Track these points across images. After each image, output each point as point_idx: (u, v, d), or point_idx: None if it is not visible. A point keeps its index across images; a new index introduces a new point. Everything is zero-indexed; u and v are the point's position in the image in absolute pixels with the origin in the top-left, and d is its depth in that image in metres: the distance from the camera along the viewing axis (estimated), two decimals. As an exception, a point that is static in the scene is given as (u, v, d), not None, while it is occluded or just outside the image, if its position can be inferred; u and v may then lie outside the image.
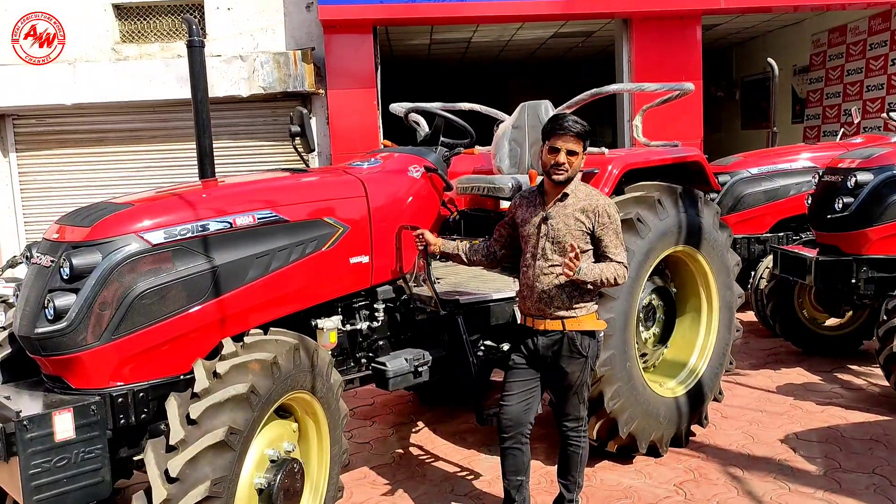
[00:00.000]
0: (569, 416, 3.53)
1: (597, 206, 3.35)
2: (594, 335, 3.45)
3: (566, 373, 3.42)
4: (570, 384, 3.44)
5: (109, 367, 2.98)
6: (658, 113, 5.52)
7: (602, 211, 3.34)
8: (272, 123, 9.67)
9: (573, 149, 3.32)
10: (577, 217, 3.35)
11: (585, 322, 3.41)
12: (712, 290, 4.72)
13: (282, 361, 3.05)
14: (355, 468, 4.53)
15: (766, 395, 5.56)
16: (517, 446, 3.50)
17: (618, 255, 3.35)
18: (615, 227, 3.36)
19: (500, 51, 14.23)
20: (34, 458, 2.71)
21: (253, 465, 3.04)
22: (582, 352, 3.40)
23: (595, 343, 3.46)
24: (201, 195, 3.48)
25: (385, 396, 5.85)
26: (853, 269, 5.45)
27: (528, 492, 3.61)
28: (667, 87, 4.81)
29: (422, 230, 3.82)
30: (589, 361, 3.44)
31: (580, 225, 3.34)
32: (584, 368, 3.43)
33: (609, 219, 3.34)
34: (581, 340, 3.39)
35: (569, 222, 3.35)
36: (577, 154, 3.34)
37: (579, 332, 3.39)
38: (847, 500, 3.88)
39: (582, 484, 3.67)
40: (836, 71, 12.48)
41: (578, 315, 3.39)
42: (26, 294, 3.10)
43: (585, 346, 3.40)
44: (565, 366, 3.41)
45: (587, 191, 3.44)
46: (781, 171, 7.66)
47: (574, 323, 3.38)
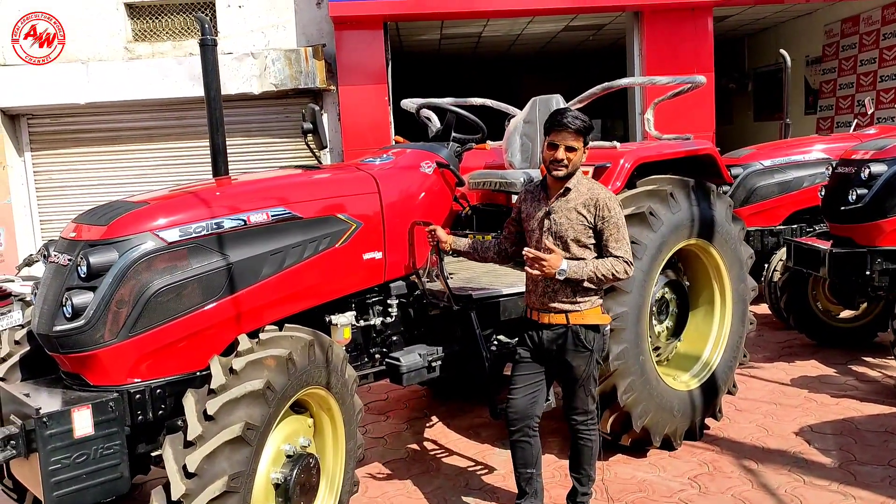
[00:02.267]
0: (577, 409, 3.54)
1: (598, 201, 3.35)
2: (598, 329, 3.46)
3: (572, 366, 3.44)
4: (576, 378, 3.46)
5: (127, 364, 3.01)
6: (670, 106, 5.50)
7: (603, 205, 3.34)
8: (284, 120, 9.70)
9: (572, 145, 3.32)
10: (578, 211, 3.36)
11: (589, 316, 3.41)
12: (725, 283, 4.71)
13: (297, 357, 3.08)
14: (370, 463, 4.56)
15: (781, 388, 5.55)
16: (525, 439, 3.53)
17: (619, 250, 3.34)
18: (616, 220, 3.35)
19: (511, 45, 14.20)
20: (54, 454, 2.75)
21: (269, 461, 3.07)
22: (587, 346, 3.41)
23: (600, 337, 3.47)
24: (215, 193, 3.51)
25: (399, 392, 5.88)
26: (867, 261, 5.41)
27: (541, 484, 3.62)
28: (678, 80, 4.80)
29: (434, 227, 3.84)
30: (594, 355, 3.45)
31: (582, 219, 3.35)
32: (590, 362, 3.44)
33: (610, 212, 3.34)
34: (585, 334, 3.40)
35: (571, 217, 3.36)
36: (577, 150, 3.34)
37: (583, 327, 3.40)
38: (862, 492, 3.87)
39: (594, 477, 3.67)
40: (849, 61, 12.37)
41: (582, 309, 3.40)
42: (44, 292, 3.13)
43: (590, 341, 3.41)
44: (570, 359, 3.43)
45: (589, 185, 3.44)
46: (794, 162, 7.62)
47: (578, 317, 3.39)
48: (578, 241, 3.36)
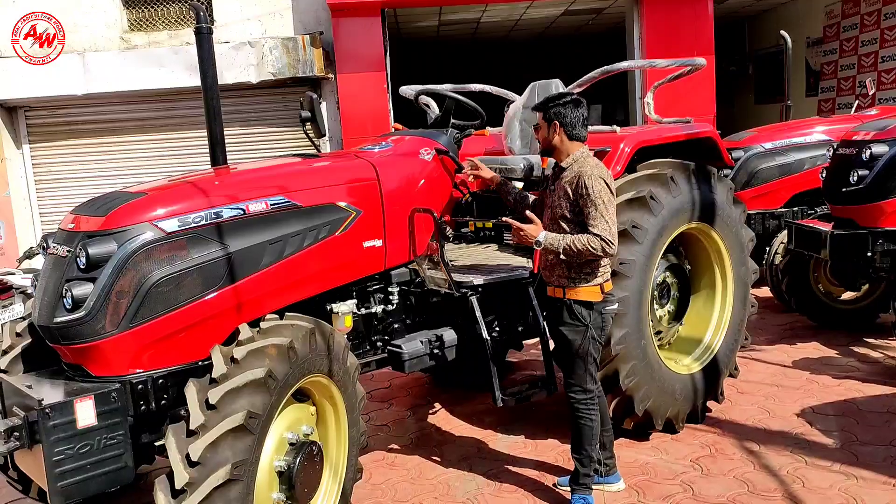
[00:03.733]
0: (575, 386, 3.63)
1: (580, 178, 3.45)
2: (592, 306, 3.55)
3: (568, 340, 3.59)
4: (572, 352, 3.60)
5: (128, 355, 3.02)
6: (670, 89, 5.47)
7: (582, 182, 3.43)
8: (282, 109, 9.66)
9: (537, 122, 3.63)
10: (565, 189, 3.52)
11: (583, 292, 3.55)
12: (727, 266, 4.71)
13: (298, 346, 3.08)
14: (374, 450, 4.57)
15: (782, 370, 5.55)
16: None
17: (595, 227, 3.40)
18: (594, 198, 3.40)
19: (510, 30, 14.12)
20: (57, 445, 2.76)
21: (272, 449, 3.08)
22: (581, 320, 3.54)
23: (597, 315, 3.57)
24: (214, 182, 3.51)
25: (401, 379, 5.89)
26: (868, 243, 5.40)
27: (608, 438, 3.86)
28: (678, 62, 4.77)
29: (474, 159, 4.14)
30: (590, 331, 3.55)
31: (567, 196, 3.51)
32: (585, 337, 3.55)
33: (588, 190, 3.41)
34: (579, 310, 3.54)
35: (560, 194, 3.54)
36: (541, 127, 3.60)
37: (576, 302, 3.55)
38: (864, 472, 3.88)
39: (596, 458, 3.70)
40: (850, 42, 12.29)
41: (577, 286, 3.54)
42: (44, 284, 3.13)
43: (584, 316, 3.54)
44: (566, 332, 3.58)
45: (581, 164, 3.52)
46: (796, 145, 7.59)
47: (572, 293, 3.55)
48: (565, 218, 3.52)
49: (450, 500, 3.92)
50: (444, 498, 3.94)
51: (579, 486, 3.68)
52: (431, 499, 3.94)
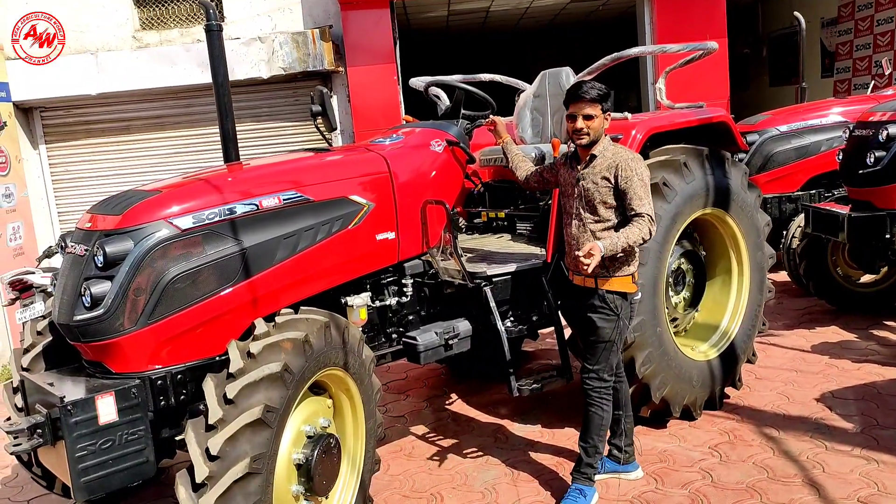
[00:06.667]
0: (592, 373, 3.62)
1: (619, 162, 3.46)
2: (626, 296, 3.55)
3: (597, 328, 3.56)
4: (600, 340, 3.57)
5: (147, 351, 3.05)
6: (683, 74, 5.41)
7: (625, 165, 3.44)
8: (294, 104, 9.66)
9: (589, 113, 3.46)
10: (603, 176, 3.48)
11: (616, 283, 3.53)
12: (742, 251, 4.68)
13: (313, 339, 3.10)
14: (392, 441, 4.60)
15: (801, 355, 5.51)
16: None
17: (642, 207, 3.42)
18: (638, 178, 3.43)
19: (520, 19, 14.03)
20: (80, 441, 2.80)
21: (290, 442, 3.11)
22: (614, 311, 3.52)
23: (627, 305, 3.58)
24: (227, 179, 3.52)
25: (418, 371, 5.91)
26: (887, 224, 5.33)
27: (629, 426, 3.91)
28: (690, 46, 4.73)
29: (496, 117, 4.15)
30: (621, 322, 3.55)
31: (606, 183, 3.49)
32: (616, 327, 3.55)
33: (632, 171, 3.43)
34: (612, 300, 3.52)
35: (597, 181, 3.50)
36: (595, 117, 3.47)
37: (610, 292, 3.52)
38: (885, 456, 3.85)
39: (602, 451, 3.71)
40: (865, 22, 12.11)
41: (610, 276, 3.51)
42: (63, 283, 3.17)
43: (618, 306, 3.53)
44: (597, 319, 3.55)
45: (614, 150, 3.55)
46: (811, 127, 7.50)
47: (605, 283, 3.52)
48: (605, 203, 3.50)
49: (467, 489, 3.94)
50: (462, 488, 3.96)
51: (580, 475, 3.68)
52: (449, 489, 3.96)
